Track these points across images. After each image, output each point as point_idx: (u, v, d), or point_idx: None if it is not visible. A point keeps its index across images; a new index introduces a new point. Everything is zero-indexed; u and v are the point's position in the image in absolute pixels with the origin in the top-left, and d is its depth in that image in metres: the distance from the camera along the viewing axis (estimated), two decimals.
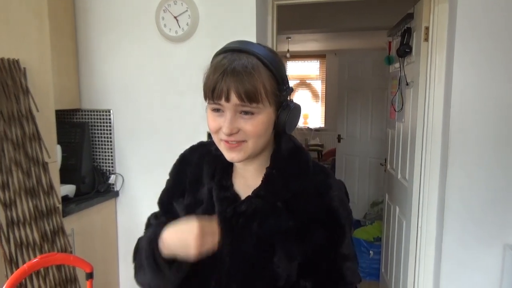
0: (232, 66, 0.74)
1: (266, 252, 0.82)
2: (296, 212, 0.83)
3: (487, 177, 1.81)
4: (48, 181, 1.76)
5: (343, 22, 3.89)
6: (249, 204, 0.84)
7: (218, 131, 0.79)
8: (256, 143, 0.79)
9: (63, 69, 2.23)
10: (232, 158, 0.80)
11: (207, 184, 0.89)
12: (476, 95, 1.79)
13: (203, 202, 0.88)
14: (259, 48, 0.78)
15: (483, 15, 1.75)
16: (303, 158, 0.87)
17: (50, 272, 1.67)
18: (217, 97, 0.74)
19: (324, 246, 0.83)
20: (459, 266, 1.88)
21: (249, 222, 0.83)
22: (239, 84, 0.73)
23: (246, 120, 0.76)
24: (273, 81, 0.77)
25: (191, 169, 0.93)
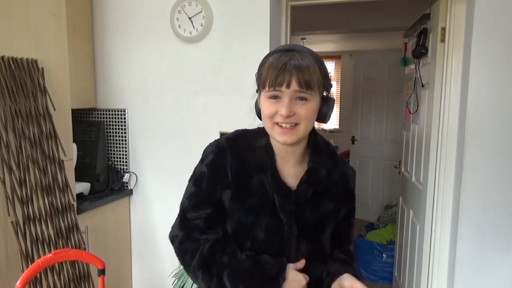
0: (293, 61, 0.87)
1: (318, 233, 1.00)
2: (333, 196, 1.01)
3: (504, 181, 1.77)
4: (63, 178, 1.80)
5: (359, 23, 3.86)
6: (301, 194, 0.96)
7: (274, 115, 0.90)
8: (307, 126, 0.91)
9: (80, 69, 2.27)
10: (285, 140, 0.90)
11: (256, 176, 0.96)
12: (493, 97, 1.75)
13: (255, 193, 0.95)
14: (308, 49, 0.94)
15: (501, 16, 1.71)
16: (334, 152, 1.04)
17: (65, 268, 1.71)
18: (279, 84, 0.87)
19: (344, 219, 1.07)
20: (474, 272, 1.84)
21: (302, 209, 0.96)
22: (300, 74, 0.86)
23: (300, 105, 0.89)
24: (321, 76, 0.91)
25: (234, 161, 0.96)
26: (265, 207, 0.95)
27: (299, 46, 0.93)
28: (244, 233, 0.96)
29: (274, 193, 0.95)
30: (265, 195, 0.95)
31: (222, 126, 2.18)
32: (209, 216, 0.97)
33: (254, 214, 0.95)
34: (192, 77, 2.22)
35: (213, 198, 0.97)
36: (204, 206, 0.97)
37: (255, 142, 0.99)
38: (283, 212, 0.95)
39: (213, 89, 2.18)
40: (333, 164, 1.01)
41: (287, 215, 0.95)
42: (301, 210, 0.96)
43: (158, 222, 2.39)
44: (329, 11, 3.81)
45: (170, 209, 2.33)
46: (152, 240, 2.42)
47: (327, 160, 1.00)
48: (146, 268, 2.46)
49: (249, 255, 0.94)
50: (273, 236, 0.95)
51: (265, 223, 0.95)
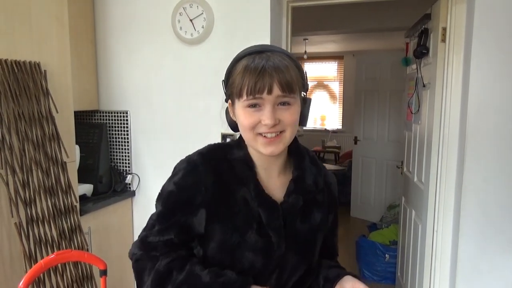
0: (270, 63, 0.79)
1: (309, 247, 0.94)
2: (321, 205, 0.95)
3: (505, 181, 1.76)
4: (66, 180, 1.81)
5: (361, 23, 3.86)
6: (289, 206, 0.89)
7: (255, 126, 0.82)
8: (292, 133, 0.84)
9: (82, 71, 2.29)
10: (272, 151, 0.83)
11: (237, 191, 0.87)
12: (494, 97, 1.75)
13: (239, 211, 0.86)
14: (280, 48, 0.86)
15: (501, 16, 1.71)
16: (314, 157, 0.98)
17: (68, 269, 1.72)
18: (260, 91, 0.78)
19: (331, 229, 1.01)
20: (476, 272, 1.83)
21: (292, 222, 0.90)
22: (281, 76, 0.79)
23: (284, 111, 0.81)
24: (300, 76, 0.84)
25: (209, 177, 0.87)
26: (251, 225, 0.86)
27: (268, 46, 0.86)
28: (229, 256, 0.86)
29: (259, 209, 0.86)
30: (250, 211, 0.86)
31: (223, 128, 2.18)
32: (172, 241, 0.88)
33: (240, 233, 0.86)
34: (193, 79, 2.23)
35: (179, 222, 0.87)
36: (169, 231, 0.88)
37: (232, 154, 0.90)
38: (271, 229, 0.86)
39: (215, 91, 2.19)
40: (317, 171, 0.95)
41: (275, 231, 0.87)
42: (291, 223, 0.89)
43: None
44: (330, 12, 3.81)
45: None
46: None
47: (310, 166, 0.94)
48: None
49: (211, 270, 0.84)
50: (263, 256, 0.87)
51: (252, 242, 0.86)
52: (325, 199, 0.96)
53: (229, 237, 0.86)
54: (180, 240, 0.89)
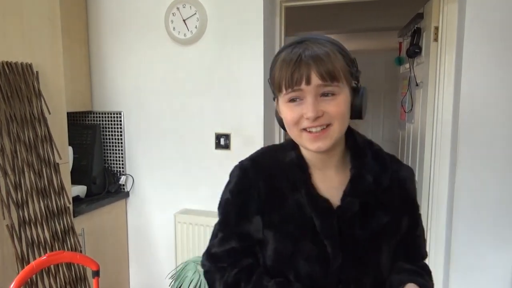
0: (308, 51, 0.73)
1: (373, 256, 0.83)
2: (387, 207, 0.83)
3: (497, 179, 1.78)
4: (59, 181, 1.80)
5: (354, 23, 3.87)
6: (347, 209, 0.80)
7: (299, 121, 0.76)
8: (341, 126, 0.76)
9: (75, 72, 2.28)
10: (319, 147, 0.76)
11: (291, 196, 0.82)
12: (486, 95, 1.76)
13: (292, 217, 0.82)
14: (324, 36, 0.79)
15: (492, 15, 1.72)
16: (379, 152, 0.86)
17: (61, 271, 1.71)
18: (297, 82, 0.73)
19: (408, 232, 0.88)
20: (469, 268, 1.85)
21: (351, 228, 0.81)
22: (319, 64, 0.72)
23: (328, 101, 0.74)
24: (346, 63, 0.76)
25: (261, 182, 0.84)
26: (305, 233, 0.80)
27: (313, 35, 0.78)
28: (285, 265, 0.82)
29: (312, 214, 0.80)
30: (304, 217, 0.81)
31: (217, 128, 2.19)
32: (235, 250, 0.86)
33: (293, 242, 0.81)
34: (187, 79, 2.23)
35: (237, 230, 0.86)
36: (230, 240, 0.86)
37: (284, 157, 0.85)
38: (325, 237, 0.79)
39: (208, 91, 2.19)
40: (381, 167, 0.84)
41: (330, 240, 0.79)
42: (349, 229, 0.80)
43: (155, 224, 2.40)
44: (324, 12, 3.82)
45: (167, 210, 2.34)
46: (149, 242, 2.43)
47: (372, 163, 0.83)
48: (143, 269, 2.47)
49: (278, 282, 0.80)
50: (320, 267, 0.80)
51: (306, 251, 0.80)
52: (394, 198, 0.84)
53: (283, 245, 0.82)
54: (243, 248, 0.86)
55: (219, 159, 2.20)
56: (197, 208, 2.28)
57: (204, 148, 2.22)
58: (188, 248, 2.21)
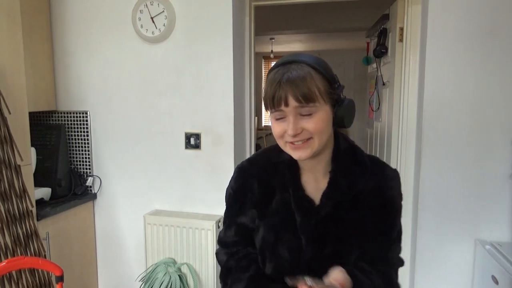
0: (286, 76, 0.82)
1: (345, 251, 0.91)
2: (363, 208, 0.91)
3: (460, 174, 1.85)
4: (20, 184, 1.73)
5: (325, 23, 3.92)
6: (324, 209, 0.90)
7: (283, 135, 0.86)
8: (320, 139, 0.85)
9: (38, 70, 2.20)
10: (300, 156, 0.86)
11: (279, 194, 0.94)
12: (448, 94, 1.83)
13: (278, 212, 0.94)
14: (308, 56, 0.87)
15: (454, 16, 1.79)
16: (360, 157, 0.94)
17: (23, 276, 1.65)
18: (277, 104, 0.83)
19: (381, 235, 0.93)
20: (433, 262, 1.91)
21: (326, 226, 0.90)
22: (295, 89, 0.81)
23: (307, 120, 0.83)
24: (325, 82, 0.84)
25: (256, 181, 0.97)
26: (288, 226, 0.92)
27: (299, 55, 0.86)
28: (269, 250, 0.95)
29: (295, 211, 0.92)
30: (288, 213, 0.92)
31: (187, 127, 2.16)
32: (234, 239, 1.01)
33: (276, 232, 0.94)
34: (155, 78, 2.19)
35: (236, 221, 1.00)
36: (231, 229, 1.02)
37: (278, 158, 0.96)
38: (302, 232, 0.91)
39: (178, 90, 2.16)
40: (360, 171, 0.92)
41: (305, 234, 0.91)
42: (324, 227, 0.90)
43: (123, 226, 2.35)
44: (295, 11, 3.85)
45: (135, 212, 2.29)
46: (118, 244, 2.37)
47: (352, 167, 0.92)
48: (112, 272, 2.41)
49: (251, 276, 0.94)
50: (295, 256, 0.92)
51: (287, 242, 0.92)
52: (371, 201, 0.91)
53: (268, 234, 0.94)
54: (241, 237, 1.00)
55: (190, 159, 2.17)
56: (168, 208, 2.25)
57: (174, 148, 2.19)
58: (159, 249, 2.17)
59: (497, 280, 1.63)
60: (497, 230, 1.82)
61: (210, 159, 2.14)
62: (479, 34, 1.77)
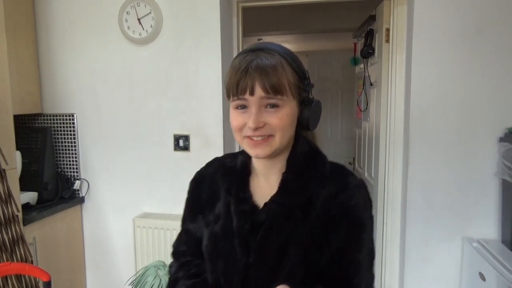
0: (256, 62, 0.74)
1: (287, 261, 0.78)
2: (314, 217, 0.79)
3: (446, 173, 1.87)
4: (5, 188, 1.70)
5: (312, 24, 3.94)
6: (268, 213, 0.80)
7: (242, 128, 0.77)
8: (282, 137, 0.77)
9: (23, 72, 2.16)
10: (257, 154, 0.78)
11: (223, 198, 0.86)
12: (434, 94, 1.85)
13: (219, 218, 0.86)
14: (279, 46, 0.80)
15: (439, 16, 1.81)
16: (318, 160, 0.84)
17: (10, 283, 1.61)
18: (242, 92, 0.74)
19: (338, 251, 0.78)
20: (422, 260, 1.93)
21: (268, 233, 0.79)
22: (264, 77, 0.73)
23: (271, 113, 0.75)
24: (296, 75, 0.78)
25: (205, 185, 0.92)
26: (227, 233, 0.83)
27: (269, 44, 0.79)
28: (209, 262, 0.86)
29: (233, 215, 0.83)
30: (229, 219, 0.84)
31: (175, 129, 2.15)
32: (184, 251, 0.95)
33: (215, 240, 0.85)
34: (143, 80, 2.17)
35: (186, 226, 0.95)
36: (182, 236, 0.96)
37: (231, 162, 0.90)
38: (236, 237, 0.81)
39: (166, 91, 2.14)
40: (316, 176, 0.82)
41: (240, 239, 0.81)
42: (264, 234, 0.80)
43: (112, 229, 2.32)
44: (283, 12, 3.86)
45: (124, 215, 2.27)
46: (106, 248, 2.34)
47: (308, 171, 0.82)
48: (101, 277, 2.38)
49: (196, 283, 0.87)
50: (232, 266, 0.81)
51: (225, 250, 0.83)
52: (325, 211, 0.79)
53: (208, 244, 0.87)
54: (189, 246, 0.93)
55: (179, 161, 2.16)
56: (157, 211, 2.23)
57: (163, 150, 2.17)
58: (148, 252, 2.15)
59: (484, 277, 1.65)
60: (484, 227, 1.85)
61: (200, 161, 2.09)
62: (465, 33, 1.80)
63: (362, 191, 0.81)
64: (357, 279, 0.78)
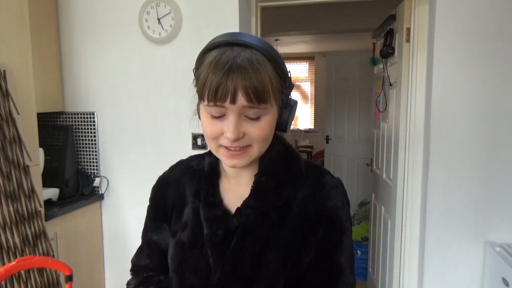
0: (237, 62, 0.63)
1: (265, 271, 0.72)
2: (291, 221, 0.73)
3: (468, 175, 1.83)
4: (29, 184, 1.74)
5: (330, 24, 3.92)
6: (241, 219, 0.73)
7: (218, 137, 0.69)
8: (261, 148, 0.71)
9: (46, 71, 2.21)
10: (234, 164, 0.70)
11: (191, 203, 0.79)
12: (456, 95, 1.82)
13: (186, 225, 0.78)
14: (257, 40, 0.68)
15: (461, 16, 1.78)
16: (293, 160, 0.77)
17: (32, 276, 1.65)
18: (222, 98, 0.63)
19: (318, 258, 0.73)
20: (442, 264, 1.90)
21: (241, 239, 0.73)
22: (247, 82, 0.63)
23: (251, 124, 0.67)
24: (278, 77, 0.68)
25: (171, 190, 0.84)
26: (196, 242, 0.76)
27: (247, 36, 0.68)
28: (176, 276, 0.77)
29: (203, 221, 0.75)
30: (197, 226, 0.76)
31: (194, 128, 2.16)
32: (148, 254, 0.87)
33: (183, 251, 0.77)
34: (162, 79, 2.20)
35: (149, 237, 0.86)
36: (143, 249, 0.88)
37: (198, 165, 0.82)
38: (208, 246, 0.73)
39: (184, 91, 2.15)
40: (291, 177, 0.75)
41: (212, 248, 0.73)
42: (237, 241, 0.73)
43: (130, 226, 2.35)
44: (300, 12, 3.85)
45: (143, 212, 2.28)
46: (125, 244, 2.38)
47: (282, 172, 0.75)
48: (119, 273, 2.41)
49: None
50: (203, 279, 0.74)
51: (193, 262, 0.75)
52: (303, 213, 0.74)
53: (175, 255, 0.78)
54: (152, 260, 0.86)
55: None
56: None
57: (181, 148, 2.19)
58: None
59: (508, 283, 1.61)
60: (508, 231, 1.80)
61: None
62: (487, 33, 1.76)
63: (340, 192, 0.76)
64: (340, 283, 0.74)
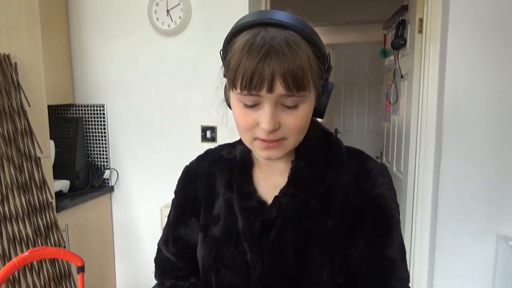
0: (273, 45, 0.56)
1: (310, 266, 0.66)
2: (334, 210, 0.67)
3: (480, 168, 1.81)
4: (40, 176, 1.76)
5: (339, 16, 3.87)
6: (279, 208, 0.67)
7: (252, 128, 0.62)
8: (297, 139, 0.65)
9: (56, 64, 2.22)
10: (269, 156, 0.64)
11: (222, 194, 0.73)
12: (469, 86, 1.79)
13: (219, 219, 0.72)
14: (293, 18, 0.60)
15: (476, 5, 1.74)
16: (333, 145, 0.72)
17: (44, 267, 1.67)
18: (257, 87, 0.57)
19: (367, 247, 0.67)
20: (453, 257, 1.88)
21: (282, 232, 0.67)
22: (285, 68, 0.56)
23: (289, 113, 0.61)
24: (317, 60, 0.61)
25: (201, 181, 0.77)
26: (231, 237, 0.70)
27: (282, 14, 0.61)
28: (211, 274, 0.71)
29: (238, 214, 0.69)
30: (231, 219, 0.70)
31: (203, 120, 2.16)
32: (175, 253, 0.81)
33: (217, 247, 0.71)
34: (171, 71, 2.19)
35: (176, 232, 0.80)
36: (167, 245, 0.81)
37: (229, 153, 0.76)
38: (245, 239, 0.67)
39: (194, 83, 2.16)
40: (333, 163, 0.69)
41: (250, 242, 0.67)
42: (277, 233, 0.67)
43: (140, 218, 2.37)
44: (310, 4, 3.81)
45: (153, 204, 2.31)
46: (135, 236, 2.40)
47: (320, 157, 0.69)
48: (129, 264, 2.44)
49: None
50: (241, 277, 0.68)
51: (228, 258, 0.69)
52: (350, 200, 0.68)
53: (207, 251, 0.72)
54: (181, 258, 0.80)
55: None
56: None
57: (190, 141, 2.19)
58: None
59: None
60: None
61: None
62: (502, 23, 1.72)
63: (386, 178, 0.70)
64: (394, 280, 0.68)
